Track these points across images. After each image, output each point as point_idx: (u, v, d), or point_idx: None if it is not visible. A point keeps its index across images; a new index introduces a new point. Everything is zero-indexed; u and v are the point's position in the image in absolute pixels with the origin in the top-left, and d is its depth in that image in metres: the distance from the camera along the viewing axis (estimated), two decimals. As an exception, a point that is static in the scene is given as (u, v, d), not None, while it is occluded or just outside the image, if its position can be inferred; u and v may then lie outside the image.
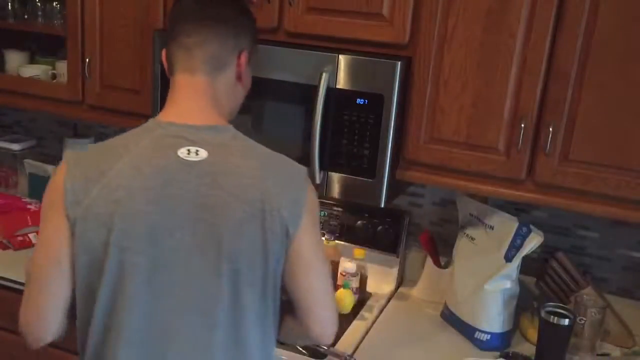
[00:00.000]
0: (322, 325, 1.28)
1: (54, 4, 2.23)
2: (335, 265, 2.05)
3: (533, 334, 1.80)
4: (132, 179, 1.15)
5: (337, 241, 2.10)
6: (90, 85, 2.12)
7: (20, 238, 2.20)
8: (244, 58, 1.29)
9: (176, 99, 1.26)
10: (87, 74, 2.10)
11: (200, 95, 1.25)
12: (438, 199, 2.14)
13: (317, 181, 1.77)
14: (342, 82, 1.71)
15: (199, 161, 1.17)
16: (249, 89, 1.37)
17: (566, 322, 1.65)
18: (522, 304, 1.90)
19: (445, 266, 2.06)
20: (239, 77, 1.30)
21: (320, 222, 2.15)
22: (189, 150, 1.17)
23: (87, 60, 2.09)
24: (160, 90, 1.92)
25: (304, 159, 1.76)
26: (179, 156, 1.17)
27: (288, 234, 1.19)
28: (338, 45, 1.75)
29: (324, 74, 1.69)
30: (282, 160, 1.27)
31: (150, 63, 1.95)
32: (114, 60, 2.08)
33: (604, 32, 1.51)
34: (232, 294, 1.18)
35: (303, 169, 1.27)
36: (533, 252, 1.78)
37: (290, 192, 1.20)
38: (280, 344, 1.72)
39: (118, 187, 1.14)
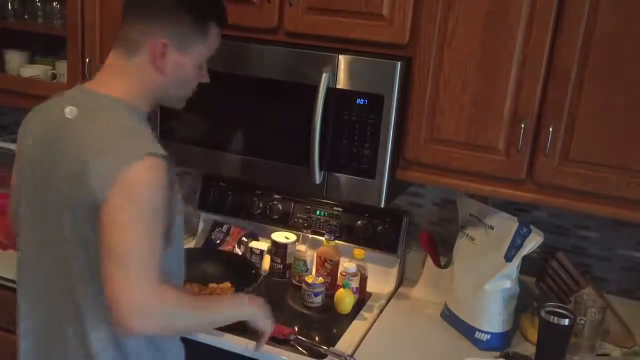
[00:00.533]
0: (115, 314, 1.19)
1: (54, 4, 2.24)
2: (335, 265, 2.06)
3: (533, 334, 1.80)
4: (34, 125, 1.40)
5: (337, 241, 2.10)
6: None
7: (20, 238, 2.19)
8: (159, 47, 1.32)
9: (99, 71, 1.40)
10: (87, 74, 2.10)
11: (111, 70, 1.37)
12: (438, 199, 2.14)
13: (317, 181, 1.77)
14: (342, 82, 1.71)
15: (70, 119, 1.32)
16: (188, 83, 1.43)
17: (566, 322, 1.65)
18: (522, 304, 1.90)
19: (445, 266, 2.06)
20: (154, 64, 1.34)
21: (320, 223, 2.17)
22: (70, 108, 1.32)
23: (87, 60, 2.09)
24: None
25: (304, 159, 1.76)
26: (62, 112, 1.33)
27: (96, 203, 1.21)
28: (338, 45, 1.75)
29: (324, 74, 1.69)
30: (132, 136, 1.27)
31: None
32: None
33: (604, 32, 1.51)
34: (63, 237, 1.31)
35: (144, 150, 1.23)
36: (533, 252, 1.78)
37: (108, 163, 1.21)
38: (278, 342, 1.73)
39: (26, 130, 1.42)
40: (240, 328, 1.78)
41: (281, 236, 2.16)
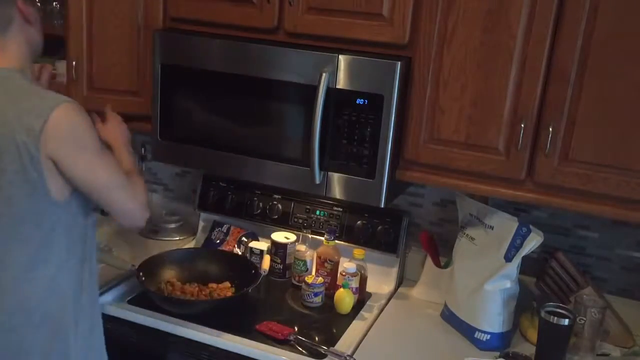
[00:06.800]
0: (131, 220, 1.58)
1: (54, 4, 2.23)
2: (335, 265, 2.06)
3: (533, 334, 1.80)
4: None
5: (337, 241, 2.10)
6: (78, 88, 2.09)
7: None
8: (21, 3, 1.48)
9: None
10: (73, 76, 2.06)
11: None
12: (438, 199, 2.14)
13: (317, 181, 1.77)
14: (342, 82, 1.71)
15: None
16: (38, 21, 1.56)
17: (566, 322, 1.65)
18: (522, 304, 1.90)
19: (445, 266, 2.06)
20: (27, 20, 1.51)
21: (320, 223, 2.17)
22: None
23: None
24: (161, 90, 1.92)
25: (304, 159, 1.76)
26: None
27: (31, 154, 1.37)
28: (338, 45, 1.76)
29: (324, 74, 1.69)
30: (36, 95, 1.43)
31: (150, 63, 1.95)
32: (107, 61, 2.03)
33: (604, 32, 1.51)
34: None
35: (55, 101, 1.40)
36: (533, 252, 1.78)
37: (25, 120, 1.37)
38: (278, 342, 1.73)
39: None
40: (240, 328, 1.79)
41: (281, 236, 2.16)
